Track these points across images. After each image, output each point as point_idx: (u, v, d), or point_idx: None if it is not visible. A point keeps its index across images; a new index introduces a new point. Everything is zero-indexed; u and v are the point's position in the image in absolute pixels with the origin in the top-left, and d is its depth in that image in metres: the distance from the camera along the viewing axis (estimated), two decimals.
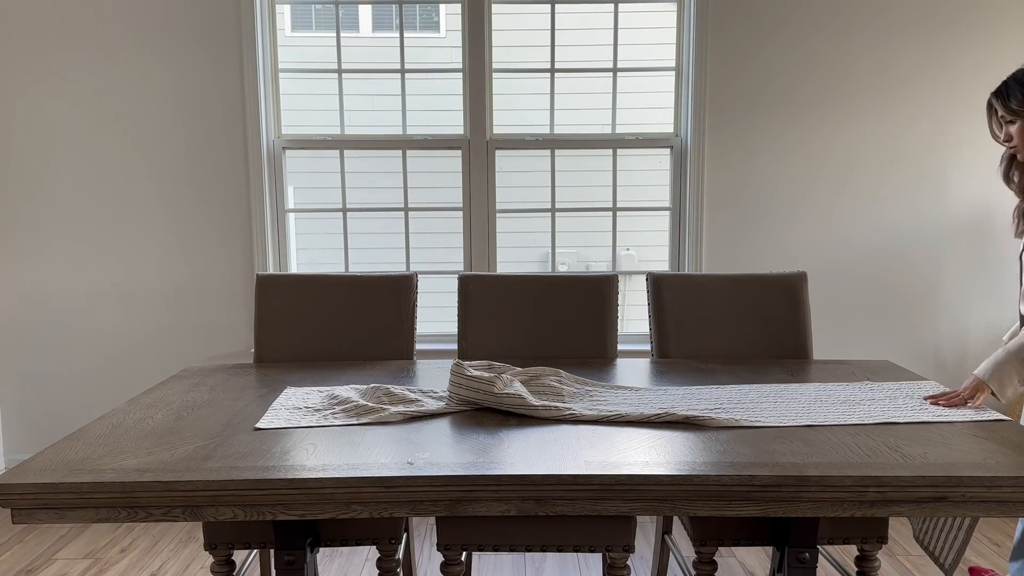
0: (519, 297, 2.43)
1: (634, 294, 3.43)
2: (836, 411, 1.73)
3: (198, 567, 2.66)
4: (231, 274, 3.23)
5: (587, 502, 1.38)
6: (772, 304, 2.41)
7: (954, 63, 3.13)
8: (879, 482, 1.36)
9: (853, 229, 3.22)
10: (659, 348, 2.40)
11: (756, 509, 1.38)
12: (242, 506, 1.36)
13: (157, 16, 3.09)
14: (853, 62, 3.13)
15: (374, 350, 2.40)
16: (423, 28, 3.32)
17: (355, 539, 1.79)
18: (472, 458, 1.44)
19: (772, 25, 3.11)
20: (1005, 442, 1.53)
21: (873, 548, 1.90)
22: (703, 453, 1.47)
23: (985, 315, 3.26)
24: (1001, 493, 1.36)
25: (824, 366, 2.20)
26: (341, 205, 3.30)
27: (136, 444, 1.53)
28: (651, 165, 3.30)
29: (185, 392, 1.93)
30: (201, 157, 3.16)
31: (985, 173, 3.19)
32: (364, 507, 1.37)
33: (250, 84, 3.11)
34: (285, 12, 3.27)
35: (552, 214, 3.31)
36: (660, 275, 2.44)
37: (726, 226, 3.21)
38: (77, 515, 1.35)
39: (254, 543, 1.78)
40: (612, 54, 3.24)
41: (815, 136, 3.17)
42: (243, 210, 3.19)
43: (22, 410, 3.31)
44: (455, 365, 1.78)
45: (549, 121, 3.27)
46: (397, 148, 3.26)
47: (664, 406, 1.76)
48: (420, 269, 3.35)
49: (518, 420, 1.68)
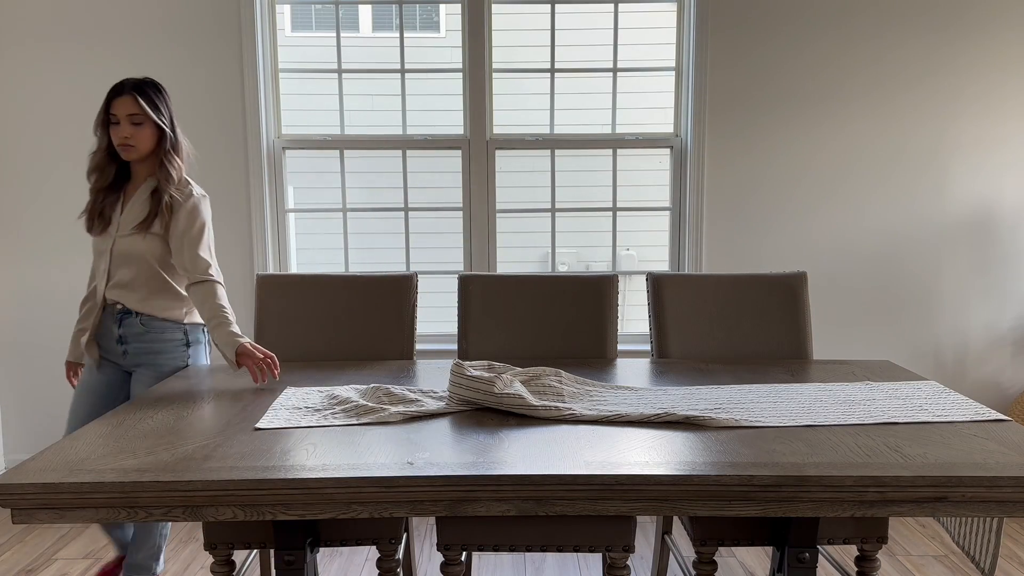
0: (519, 297, 2.43)
1: (634, 294, 3.43)
2: (836, 411, 1.73)
3: (198, 567, 2.66)
4: (231, 274, 3.23)
5: (587, 502, 1.38)
6: (772, 304, 2.41)
7: (954, 62, 3.13)
8: (879, 482, 1.36)
9: (853, 229, 3.22)
10: (659, 348, 2.40)
11: (756, 509, 1.38)
12: (242, 506, 1.36)
13: (157, 16, 3.09)
14: (853, 62, 3.13)
15: (374, 350, 2.40)
16: (423, 28, 3.32)
17: (355, 539, 1.79)
18: (472, 458, 1.44)
19: (772, 25, 3.11)
20: (1005, 442, 1.53)
21: (873, 548, 1.90)
22: (703, 453, 1.47)
23: (985, 315, 3.26)
24: (1001, 493, 1.36)
25: (824, 366, 2.20)
26: (341, 205, 3.30)
27: (136, 444, 1.53)
28: (651, 165, 3.30)
29: (185, 392, 1.93)
30: (201, 157, 3.16)
31: (985, 173, 3.19)
32: (364, 507, 1.37)
33: (250, 84, 3.11)
34: (285, 12, 3.27)
35: (552, 214, 3.31)
36: (660, 275, 2.44)
37: (726, 226, 3.21)
38: (77, 515, 1.35)
39: (254, 543, 1.78)
40: (612, 54, 3.24)
41: (815, 136, 3.17)
42: (243, 210, 3.19)
43: (22, 410, 3.31)
44: (455, 365, 1.78)
45: (549, 121, 3.27)
46: (397, 148, 3.26)
47: (664, 406, 1.76)
48: (420, 269, 3.35)
49: (518, 420, 1.68)
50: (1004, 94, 3.15)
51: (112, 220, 2.18)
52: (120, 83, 2.13)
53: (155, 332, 2.20)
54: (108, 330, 2.21)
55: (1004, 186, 3.20)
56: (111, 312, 2.20)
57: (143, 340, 2.19)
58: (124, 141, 2.10)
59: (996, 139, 3.17)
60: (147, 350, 2.20)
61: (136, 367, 2.22)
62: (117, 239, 2.16)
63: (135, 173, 2.20)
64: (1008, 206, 3.20)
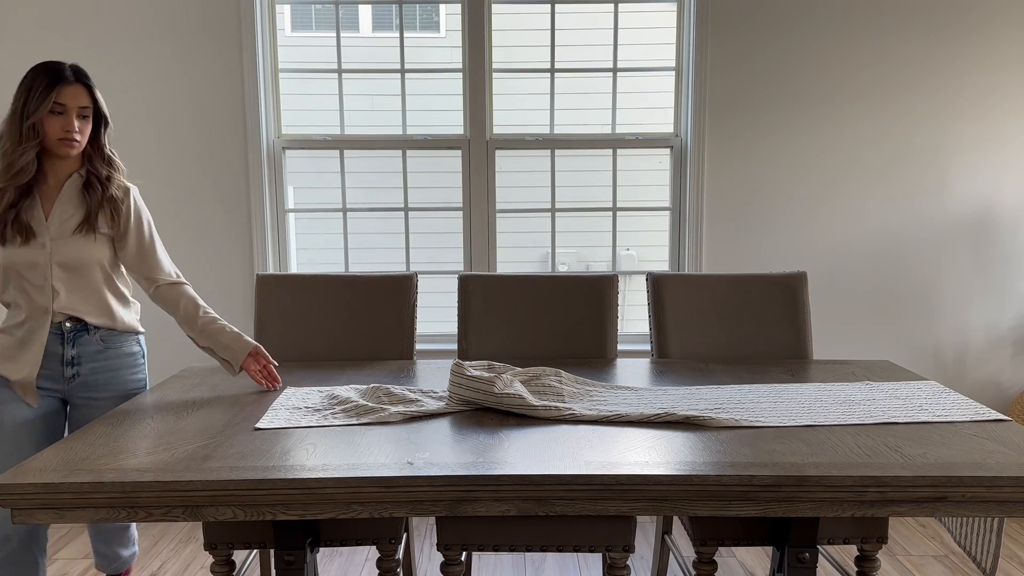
0: (519, 297, 2.43)
1: (634, 294, 3.43)
2: (836, 411, 1.73)
3: (198, 567, 2.66)
4: (231, 274, 3.22)
5: (587, 502, 1.38)
6: (772, 304, 2.41)
7: (955, 63, 3.13)
8: (879, 482, 1.36)
9: (853, 229, 3.22)
10: (659, 348, 2.40)
11: (756, 509, 1.38)
12: (242, 506, 1.36)
13: (156, 16, 3.09)
14: (853, 62, 3.13)
15: (374, 350, 2.40)
16: (423, 28, 3.32)
17: (355, 539, 1.79)
18: (472, 458, 1.44)
19: (772, 25, 3.11)
20: (1005, 442, 1.53)
21: (873, 548, 1.90)
22: (703, 453, 1.47)
23: (985, 315, 3.26)
24: (1001, 493, 1.36)
25: (824, 366, 2.20)
26: (341, 205, 3.30)
27: (136, 444, 1.53)
28: (651, 165, 3.30)
29: (185, 392, 1.93)
30: (201, 157, 3.16)
31: (985, 173, 3.19)
32: (364, 507, 1.37)
33: (250, 84, 3.11)
34: (285, 12, 3.27)
35: (552, 214, 3.31)
36: (660, 275, 2.44)
37: (726, 226, 3.21)
38: (77, 515, 1.35)
39: (254, 543, 1.78)
40: (612, 54, 3.24)
41: (815, 136, 3.17)
42: (243, 210, 3.19)
43: None
44: (455, 365, 1.78)
45: (549, 121, 3.27)
46: (397, 148, 3.26)
47: (664, 406, 1.76)
48: (420, 269, 3.35)
49: (518, 420, 1.68)
50: (1004, 94, 3.15)
51: (33, 227, 1.87)
52: (57, 67, 1.86)
53: (114, 347, 1.99)
54: (51, 353, 1.92)
55: (1004, 186, 3.20)
56: (56, 332, 1.92)
57: (100, 359, 1.97)
58: (69, 135, 1.85)
59: (996, 139, 3.17)
60: (105, 368, 1.97)
61: (85, 393, 1.97)
62: (54, 247, 1.89)
63: (52, 170, 1.92)
64: (1008, 206, 3.20)
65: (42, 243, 1.88)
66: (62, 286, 1.91)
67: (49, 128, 1.84)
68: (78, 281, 1.93)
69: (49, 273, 1.89)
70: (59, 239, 1.89)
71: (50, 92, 1.82)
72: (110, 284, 1.98)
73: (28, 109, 1.82)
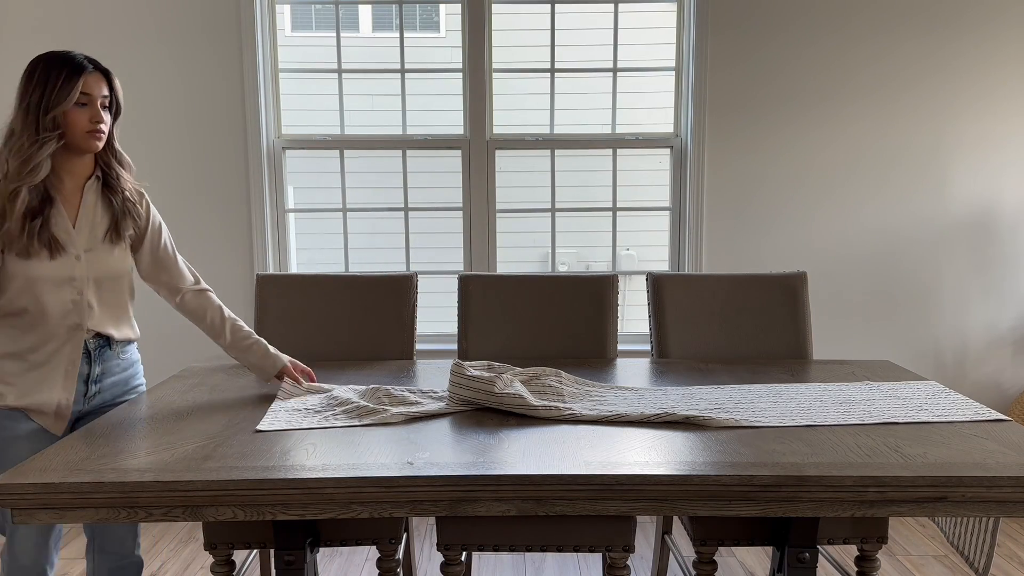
0: (519, 297, 2.43)
1: (634, 294, 3.43)
2: (836, 411, 1.73)
3: (198, 567, 2.66)
4: (231, 274, 3.22)
5: (587, 502, 1.38)
6: (772, 304, 2.41)
7: (954, 62, 3.13)
8: (879, 482, 1.36)
9: (853, 229, 3.22)
10: (659, 348, 2.40)
11: (756, 509, 1.38)
12: (242, 506, 1.36)
13: (156, 16, 3.09)
14: (853, 62, 3.13)
15: (374, 350, 2.40)
16: (423, 28, 3.32)
17: (355, 539, 1.79)
18: (472, 458, 1.44)
19: (772, 25, 3.11)
20: (1005, 442, 1.53)
21: (873, 548, 1.90)
22: (703, 453, 1.47)
23: (985, 315, 3.26)
24: (1001, 493, 1.36)
25: (824, 366, 2.20)
26: (341, 205, 3.30)
27: (136, 444, 1.53)
28: (651, 165, 3.30)
29: (185, 392, 1.93)
30: (201, 157, 3.16)
31: (985, 173, 3.19)
32: (364, 507, 1.37)
33: (250, 84, 3.11)
34: (285, 12, 3.27)
35: (552, 214, 3.31)
36: (660, 275, 2.44)
37: (726, 226, 3.21)
38: (77, 515, 1.35)
39: (254, 543, 1.78)
40: (612, 54, 3.24)
41: (815, 136, 3.17)
42: (243, 210, 3.19)
43: None
44: (455, 365, 1.78)
45: (549, 121, 3.27)
46: (397, 148, 3.26)
47: (664, 406, 1.76)
48: (420, 269, 3.35)
49: (518, 420, 1.68)
50: (1004, 94, 3.15)
51: (60, 239, 1.69)
52: (70, 56, 1.68)
53: (125, 360, 1.87)
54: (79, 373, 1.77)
55: (1004, 186, 3.20)
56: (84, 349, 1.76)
57: (115, 372, 1.84)
58: (96, 127, 1.69)
59: (996, 139, 3.17)
60: (119, 382, 1.86)
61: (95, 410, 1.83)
62: (88, 259, 1.73)
63: (68, 171, 1.74)
64: (1008, 206, 3.20)
65: (75, 256, 1.71)
66: (95, 301, 1.75)
67: (75, 120, 1.67)
68: (109, 295, 1.78)
69: (86, 288, 1.72)
70: (92, 251, 1.74)
71: (75, 81, 1.65)
72: (130, 295, 1.86)
73: (50, 101, 1.63)
